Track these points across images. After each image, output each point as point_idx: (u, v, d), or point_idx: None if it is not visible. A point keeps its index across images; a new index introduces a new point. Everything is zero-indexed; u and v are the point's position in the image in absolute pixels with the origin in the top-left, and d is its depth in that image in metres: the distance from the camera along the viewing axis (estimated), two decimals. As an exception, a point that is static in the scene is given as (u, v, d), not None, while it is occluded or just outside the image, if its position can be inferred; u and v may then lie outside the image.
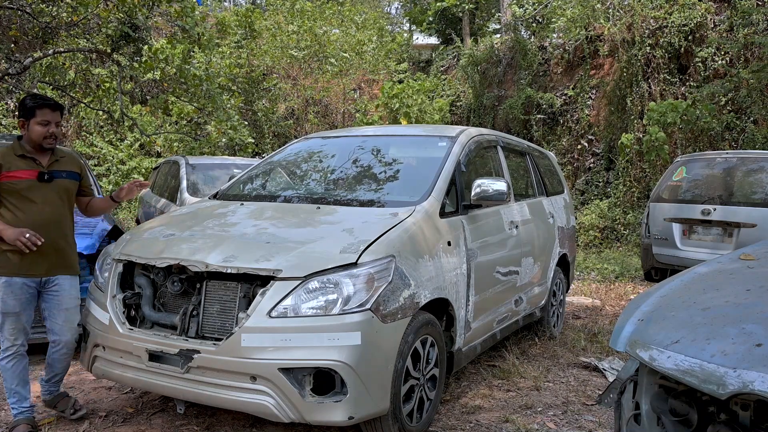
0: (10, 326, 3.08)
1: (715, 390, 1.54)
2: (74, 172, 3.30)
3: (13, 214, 3.04)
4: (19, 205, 3.05)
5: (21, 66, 7.74)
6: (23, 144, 3.16)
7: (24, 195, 3.06)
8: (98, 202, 3.54)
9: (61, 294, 3.20)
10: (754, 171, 7.09)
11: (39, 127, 3.11)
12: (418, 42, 25.90)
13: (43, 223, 3.08)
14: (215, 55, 13.03)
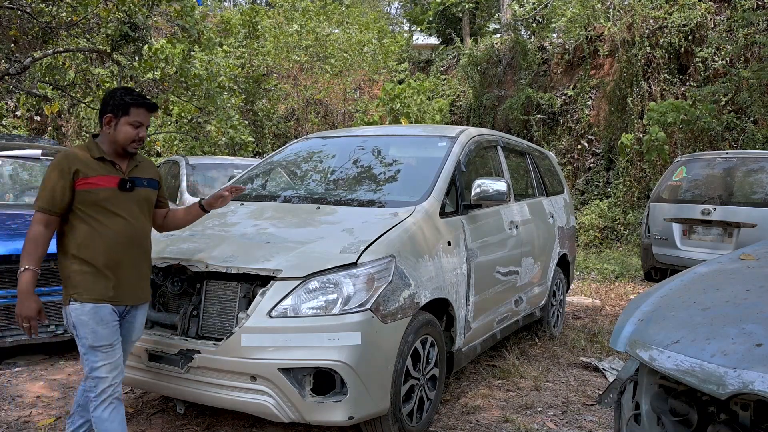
0: (105, 361, 2.47)
1: (715, 390, 1.54)
2: (154, 179, 2.76)
3: (92, 228, 2.50)
4: (98, 217, 2.51)
5: (21, 66, 7.74)
6: (100, 144, 2.60)
7: (104, 206, 2.52)
8: (181, 213, 2.96)
9: (133, 325, 2.69)
10: (754, 171, 7.09)
11: (130, 129, 2.57)
12: (418, 42, 25.90)
13: (126, 241, 2.56)
14: (217, 54, 13.03)
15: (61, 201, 2.47)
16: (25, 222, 4.81)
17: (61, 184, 2.46)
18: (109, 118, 2.57)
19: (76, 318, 2.47)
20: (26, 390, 3.91)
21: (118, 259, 2.52)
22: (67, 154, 2.53)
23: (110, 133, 2.57)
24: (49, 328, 4.44)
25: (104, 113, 2.57)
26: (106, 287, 2.50)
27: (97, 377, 2.47)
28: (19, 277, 2.43)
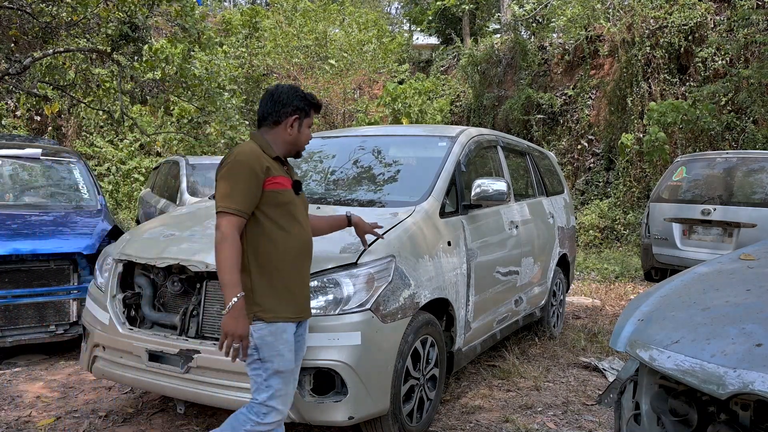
0: (284, 391, 2.26)
1: (715, 390, 1.54)
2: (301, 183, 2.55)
3: (275, 234, 2.25)
4: (281, 222, 2.27)
5: (21, 66, 7.74)
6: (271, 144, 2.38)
7: (288, 210, 2.30)
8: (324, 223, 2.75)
9: (304, 340, 2.48)
10: (754, 171, 7.09)
11: (308, 131, 2.45)
12: (418, 42, 25.90)
13: (306, 249, 2.37)
14: (217, 54, 13.03)
15: (252, 202, 2.21)
16: (26, 222, 4.82)
17: (254, 182, 2.19)
18: (294, 118, 2.39)
19: (260, 339, 2.20)
20: (26, 390, 3.91)
21: (300, 269, 2.33)
22: (252, 149, 2.27)
23: (291, 134, 2.39)
24: (49, 328, 4.44)
25: (285, 114, 2.37)
26: (294, 304, 2.29)
27: (273, 407, 2.23)
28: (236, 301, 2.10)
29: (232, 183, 2.18)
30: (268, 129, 2.40)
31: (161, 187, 8.39)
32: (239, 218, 2.16)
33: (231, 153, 2.26)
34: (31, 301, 4.36)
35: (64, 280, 4.50)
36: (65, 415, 3.49)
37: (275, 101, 2.38)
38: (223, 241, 2.13)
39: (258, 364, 2.22)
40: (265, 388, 2.22)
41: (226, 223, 2.14)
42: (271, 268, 2.23)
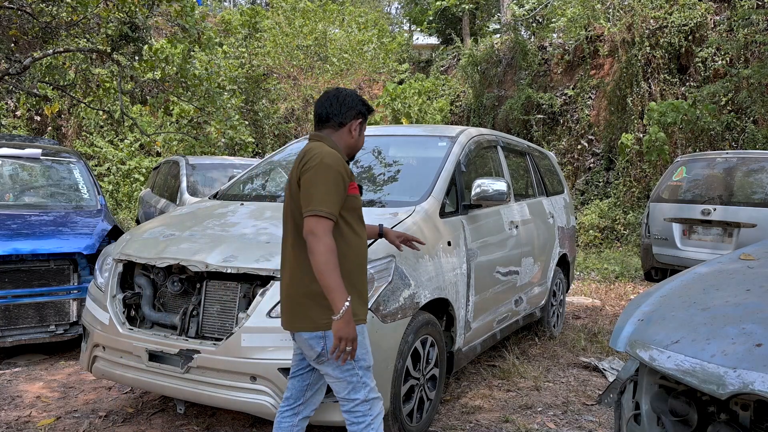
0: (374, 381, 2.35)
1: (715, 390, 1.54)
2: None
3: (350, 238, 2.27)
4: (355, 227, 2.30)
5: (21, 66, 7.74)
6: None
7: (358, 214, 2.33)
8: None
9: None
10: (755, 171, 7.09)
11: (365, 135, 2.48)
12: (418, 42, 25.91)
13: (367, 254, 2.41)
14: (217, 54, 13.05)
15: (340, 206, 2.20)
16: (26, 222, 4.82)
17: (342, 186, 2.19)
18: (359, 122, 2.40)
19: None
20: (26, 390, 3.91)
21: (366, 272, 2.35)
22: (335, 153, 2.25)
23: (354, 137, 2.40)
24: (49, 328, 4.44)
25: (350, 117, 2.36)
26: (366, 305, 2.32)
27: (374, 398, 2.31)
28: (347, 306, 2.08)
29: (323, 186, 2.14)
30: (332, 131, 2.37)
31: (161, 187, 8.39)
32: (332, 222, 2.14)
33: (314, 155, 2.21)
34: (31, 301, 4.36)
35: (64, 280, 4.50)
36: (65, 415, 3.49)
37: (341, 103, 2.36)
38: (322, 245, 2.09)
39: (352, 364, 2.24)
40: (362, 386, 2.27)
41: (321, 227, 2.11)
42: (349, 272, 2.23)
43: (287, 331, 2.32)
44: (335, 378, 2.25)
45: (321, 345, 2.20)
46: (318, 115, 2.38)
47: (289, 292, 2.24)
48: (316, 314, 2.19)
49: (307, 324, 2.20)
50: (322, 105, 2.37)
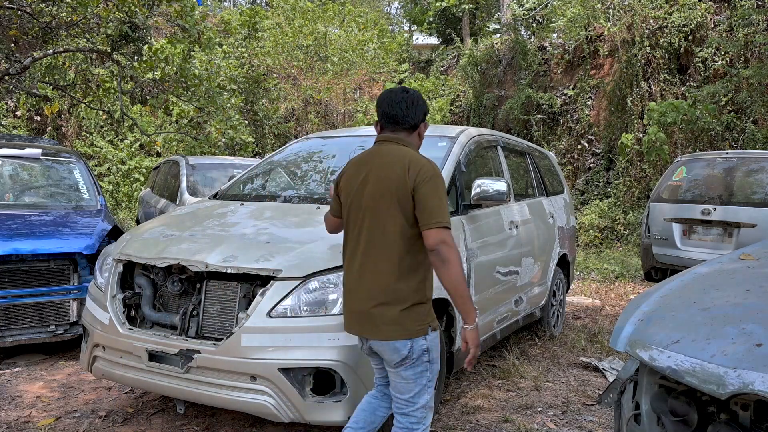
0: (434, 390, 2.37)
1: (715, 390, 1.54)
2: None
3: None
4: None
5: (21, 66, 7.74)
6: None
7: None
8: None
9: None
10: (755, 171, 7.09)
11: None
12: (418, 42, 25.92)
13: None
14: (217, 54, 13.04)
15: None
16: (26, 222, 4.82)
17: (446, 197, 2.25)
18: (425, 124, 2.42)
19: (432, 344, 2.27)
20: (26, 390, 3.91)
21: None
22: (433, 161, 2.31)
23: (422, 139, 2.42)
24: (49, 328, 4.44)
25: (421, 119, 2.37)
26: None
27: (431, 407, 2.33)
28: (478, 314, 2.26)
29: (444, 198, 2.19)
30: (406, 134, 2.36)
31: (161, 187, 8.39)
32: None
33: (424, 165, 2.23)
34: (31, 301, 4.36)
35: (64, 280, 4.50)
36: (65, 415, 3.49)
37: (414, 105, 2.35)
38: (456, 255, 2.15)
39: (427, 366, 2.26)
40: (427, 390, 2.29)
41: (450, 238, 2.16)
42: (429, 280, 2.30)
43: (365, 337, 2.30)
44: (408, 379, 2.26)
45: (408, 349, 2.21)
46: (389, 117, 2.34)
47: (378, 301, 2.21)
48: (410, 323, 2.21)
49: (401, 333, 2.20)
50: (393, 106, 2.33)
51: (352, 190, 2.32)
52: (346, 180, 2.37)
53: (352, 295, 2.29)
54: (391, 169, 2.22)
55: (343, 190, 2.38)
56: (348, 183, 2.34)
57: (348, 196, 2.33)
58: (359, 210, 2.28)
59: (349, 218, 2.33)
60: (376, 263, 2.23)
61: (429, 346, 2.26)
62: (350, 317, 2.33)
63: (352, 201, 2.31)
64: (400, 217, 2.19)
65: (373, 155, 2.33)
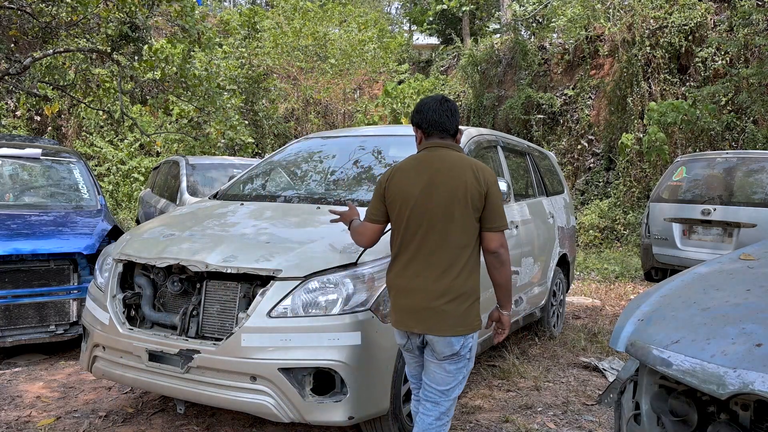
0: None
1: (715, 390, 1.53)
2: None
3: None
4: None
5: (21, 66, 7.74)
6: None
7: None
8: None
9: None
10: (755, 171, 7.08)
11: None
12: (418, 42, 25.92)
13: None
14: (217, 55, 13.04)
15: None
16: (26, 222, 4.82)
17: None
18: (461, 131, 2.58)
19: (473, 342, 2.43)
20: (26, 390, 3.91)
21: None
22: None
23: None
24: (49, 328, 4.44)
25: (457, 126, 2.51)
26: None
27: (455, 401, 2.48)
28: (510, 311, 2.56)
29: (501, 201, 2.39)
30: (453, 141, 2.49)
31: (161, 187, 8.39)
32: None
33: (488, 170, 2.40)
34: (31, 301, 4.36)
35: (64, 280, 4.50)
36: (65, 415, 3.49)
37: (456, 113, 2.49)
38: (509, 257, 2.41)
39: (466, 363, 2.42)
40: (461, 385, 2.45)
41: (506, 241, 2.38)
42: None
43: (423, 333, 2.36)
44: (450, 373, 2.39)
45: (461, 345, 2.35)
46: (437, 124, 2.44)
47: (448, 298, 2.31)
48: (471, 318, 2.37)
49: (462, 329, 2.34)
50: (442, 115, 2.44)
51: (412, 194, 2.37)
52: (398, 186, 2.41)
53: (413, 294, 2.36)
54: (462, 173, 2.34)
55: (396, 196, 2.40)
56: (403, 188, 2.39)
57: (407, 200, 2.37)
58: (424, 213, 2.34)
59: (409, 221, 2.37)
60: (446, 262, 2.32)
61: (473, 344, 2.43)
62: (407, 314, 2.38)
63: (414, 205, 2.36)
64: (472, 219, 2.33)
65: (432, 160, 2.40)
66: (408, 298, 2.37)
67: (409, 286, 2.36)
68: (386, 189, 2.44)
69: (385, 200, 2.45)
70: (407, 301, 2.37)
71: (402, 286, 2.39)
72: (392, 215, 2.44)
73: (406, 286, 2.37)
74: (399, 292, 2.40)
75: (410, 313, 2.37)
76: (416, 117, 2.49)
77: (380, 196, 2.47)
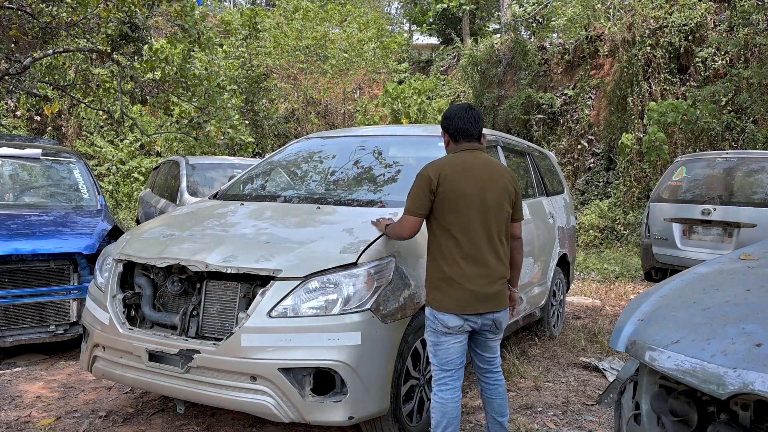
0: None
1: (715, 390, 1.53)
2: None
3: None
4: None
5: (21, 66, 7.74)
6: None
7: None
8: None
9: None
10: (755, 171, 7.08)
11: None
12: (418, 42, 25.91)
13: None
14: (217, 55, 13.03)
15: None
16: (26, 222, 4.82)
17: None
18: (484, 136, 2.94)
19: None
20: (26, 390, 3.91)
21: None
22: None
23: None
24: (49, 328, 4.44)
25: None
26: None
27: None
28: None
29: None
30: (478, 144, 2.84)
31: (161, 187, 8.39)
32: None
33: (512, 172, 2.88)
34: (31, 301, 4.36)
35: (64, 280, 4.50)
36: (65, 415, 3.49)
37: (480, 120, 2.85)
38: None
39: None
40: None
41: None
42: None
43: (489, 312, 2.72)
44: (499, 339, 2.87)
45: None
46: (465, 131, 2.80)
47: (502, 281, 2.76)
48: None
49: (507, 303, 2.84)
50: (467, 122, 2.80)
51: (470, 192, 2.68)
52: (454, 184, 2.68)
53: (478, 279, 2.67)
54: (502, 176, 2.78)
55: (453, 193, 2.67)
56: (460, 187, 2.68)
57: (465, 197, 2.67)
58: (482, 208, 2.68)
59: (469, 216, 2.67)
60: (500, 251, 2.74)
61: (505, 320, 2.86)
62: (474, 299, 2.67)
63: (470, 201, 2.67)
64: (509, 214, 2.79)
65: (474, 161, 2.75)
66: (473, 284, 2.65)
67: (474, 273, 2.65)
68: (439, 186, 2.66)
69: (434, 196, 2.68)
70: (472, 286, 2.65)
71: (466, 275, 2.65)
72: (445, 211, 2.68)
73: (471, 273, 2.65)
74: (462, 279, 2.64)
75: (477, 296, 2.66)
76: (444, 123, 2.84)
77: (429, 192, 2.68)
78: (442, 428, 2.68)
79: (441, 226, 2.70)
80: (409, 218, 2.74)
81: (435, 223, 2.73)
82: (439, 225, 2.70)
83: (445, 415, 2.68)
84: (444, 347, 2.70)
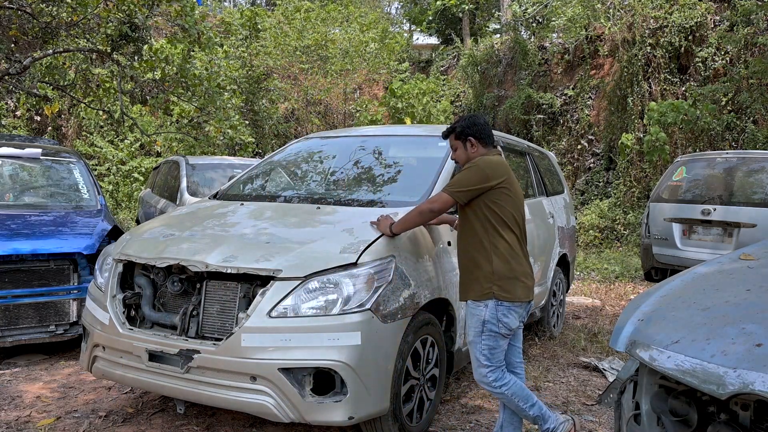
0: None
1: (715, 390, 1.53)
2: None
3: None
4: None
5: (21, 66, 7.73)
6: None
7: None
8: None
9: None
10: (755, 171, 7.08)
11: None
12: (418, 42, 25.90)
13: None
14: (218, 55, 13.03)
15: None
16: (26, 222, 4.82)
17: None
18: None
19: None
20: (26, 390, 3.91)
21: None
22: None
23: None
24: (49, 328, 4.44)
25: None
26: None
27: None
28: None
29: None
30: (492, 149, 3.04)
31: (161, 187, 8.39)
32: None
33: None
34: (31, 301, 4.36)
35: (64, 280, 4.50)
36: (65, 415, 3.49)
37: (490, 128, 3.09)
38: None
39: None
40: None
41: None
42: None
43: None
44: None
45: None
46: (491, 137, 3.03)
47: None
48: None
49: None
50: (483, 128, 3.01)
51: (521, 193, 2.95)
52: (515, 184, 2.92)
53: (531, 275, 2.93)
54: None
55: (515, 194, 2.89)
56: (518, 187, 2.94)
57: (519, 197, 2.92)
58: (521, 210, 2.92)
59: (520, 216, 2.90)
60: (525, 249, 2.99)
61: None
62: (531, 291, 2.92)
63: (520, 202, 2.92)
64: None
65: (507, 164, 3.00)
66: (530, 279, 2.91)
67: (529, 270, 2.92)
68: (509, 183, 2.85)
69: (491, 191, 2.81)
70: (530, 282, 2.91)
71: (525, 269, 2.89)
72: (504, 209, 2.84)
73: (527, 270, 2.90)
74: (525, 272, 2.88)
75: (530, 290, 2.91)
76: (474, 129, 2.98)
77: (484, 188, 2.82)
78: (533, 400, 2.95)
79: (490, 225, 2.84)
80: (448, 198, 2.87)
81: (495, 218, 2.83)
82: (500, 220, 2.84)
83: (523, 389, 2.91)
84: (501, 349, 2.87)
